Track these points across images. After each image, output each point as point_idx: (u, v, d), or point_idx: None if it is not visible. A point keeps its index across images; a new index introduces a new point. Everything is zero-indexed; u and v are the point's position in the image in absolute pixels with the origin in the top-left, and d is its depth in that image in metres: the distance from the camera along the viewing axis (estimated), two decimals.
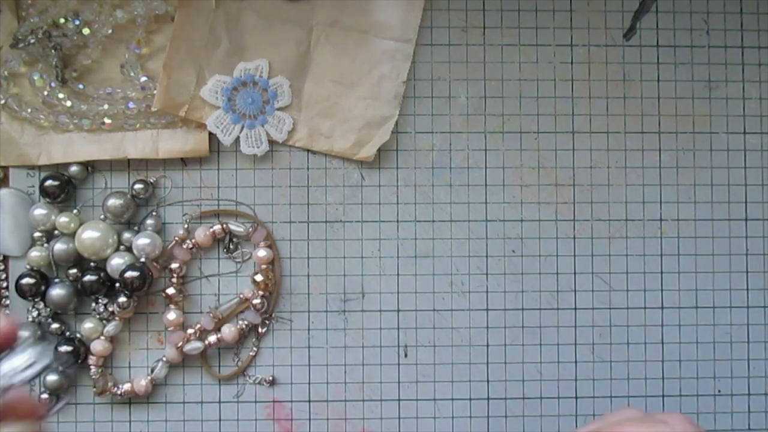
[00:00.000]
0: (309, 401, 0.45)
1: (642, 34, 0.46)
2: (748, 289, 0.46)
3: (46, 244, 0.44)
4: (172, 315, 0.44)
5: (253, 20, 0.45)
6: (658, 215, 0.46)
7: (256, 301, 0.44)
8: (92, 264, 0.44)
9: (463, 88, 0.46)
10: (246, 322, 0.44)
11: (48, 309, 0.44)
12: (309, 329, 0.45)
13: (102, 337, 0.44)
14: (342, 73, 0.45)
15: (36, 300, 0.44)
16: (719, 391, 0.46)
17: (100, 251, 0.43)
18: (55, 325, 0.44)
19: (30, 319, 0.44)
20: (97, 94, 0.44)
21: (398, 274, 0.46)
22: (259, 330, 0.45)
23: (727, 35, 0.47)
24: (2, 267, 0.44)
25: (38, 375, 0.24)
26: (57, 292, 0.43)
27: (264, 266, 0.45)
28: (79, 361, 0.44)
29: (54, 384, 0.44)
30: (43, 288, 0.44)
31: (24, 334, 0.25)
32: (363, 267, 0.45)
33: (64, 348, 0.43)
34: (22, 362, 0.24)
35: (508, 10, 0.46)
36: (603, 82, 0.46)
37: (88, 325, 0.44)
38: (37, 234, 0.44)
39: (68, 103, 0.44)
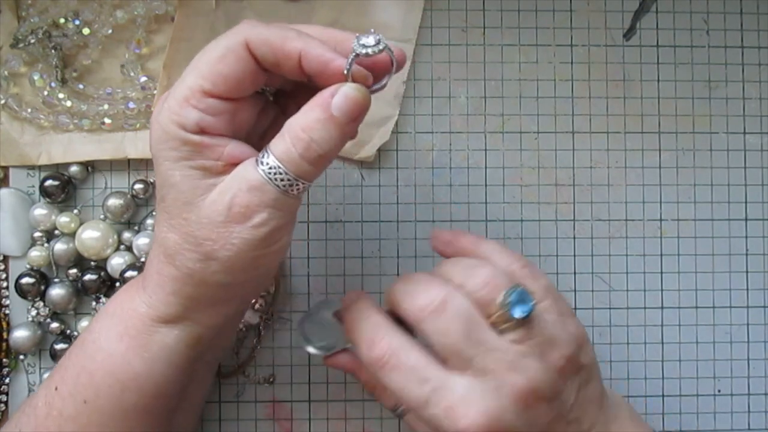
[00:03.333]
0: (309, 401, 0.45)
1: (642, 34, 0.47)
2: (748, 289, 0.46)
3: (46, 244, 0.44)
4: None
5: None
6: (658, 215, 0.46)
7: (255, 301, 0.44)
8: (92, 263, 0.44)
9: (463, 88, 0.46)
10: (243, 322, 0.44)
11: (47, 309, 0.44)
12: None
13: None
14: None
15: (35, 300, 0.44)
16: (719, 391, 0.46)
17: (100, 251, 0.44)
18: (54, 325, 0.44)
19: (29, 318, 0.44)
20: (97, 94, 0.44)
21: (398, 274, 0.46)
22: (260, 330, 0.45)
23: (727, 35, 0.47)
24: (2, 267, 0.44)
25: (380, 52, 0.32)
26: (57, 292, 0.43)
27: None
28: None
29: None
30: (42, 288, 0.44)
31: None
32: (363, 267, 0.45)
33: (60, 346, 0.44)
34: (372, 42, 0.32)
35: (508, 10, 0.46)
36: (603, 82, 0.46)
37: (85, 324, 0.44)
38: (37, 234, 0.44)
39: (68, 103, 0.44)
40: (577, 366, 0.35)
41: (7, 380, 0.44)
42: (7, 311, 0.44)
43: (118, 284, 0.44)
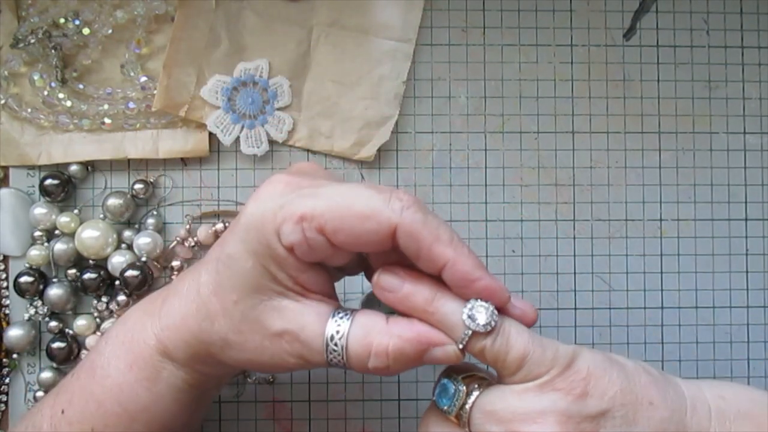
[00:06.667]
0: (309, 401, 0.45)
1: (642, 34, 0.47)
2: (748, 289, 0.46)
3: (46, 243, 0.44)
4: None
5: (253, 20, 0.45)
6: (658, 215, 0.46)
7: None
8: (91, 262, 0.44)
9: (463, 88, 0.46)
10: None
11: (46, 308, 0.44)
12: None
13: (98, 333, 0.44)
14: (342, 73, 0.45)
15: (34, 298, 0.44)
16: None
17: (100, 250, 0.44)
18: (52, 324, 0.44)
19: (26, 317, 0.44)
20: (97, 94, 0.44)
21: None
22: None
23: (727, 35, 0.47)
24: (2, 267, 0.44)
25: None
26: (54, 292, 0.43)
27: None
28: (73, 357, 0.44)
29: (48, 381, 0.44)
30: (41, 287, 0.44)
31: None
32: None
33: (57, 345, 0.44)
34: (483, 320, 0.31)
35: (508, 10, 0.46)
36: (603, 82, 0.46)
37: (81, 323, 0.44)
38: (37, 233, 0.44)
39: (68, 103, 0.44)
40: (585, 421, 0.31)
41: (7, 380, 0.44)
42: (7, 311, 0.44)
43: (118, 283, 0.44)
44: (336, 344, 0.32)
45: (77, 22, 0.44)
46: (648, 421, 0.31)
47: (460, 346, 0.31)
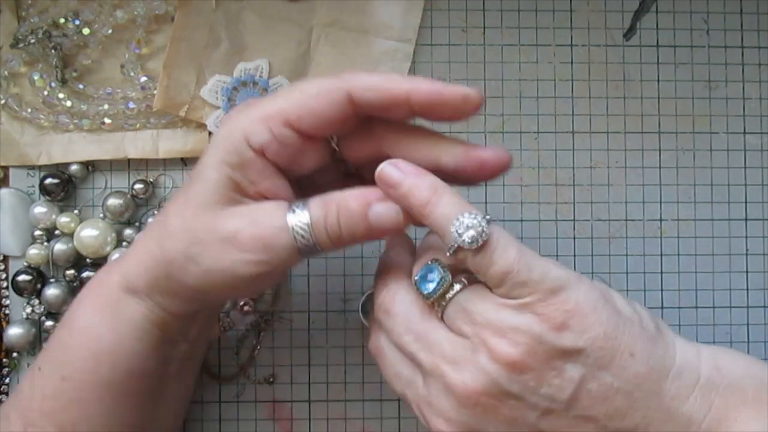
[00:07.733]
0: (309, 401, 0.45)
1: (642, 34, 0.47)
2: (748, 289, 0.46)
3: (45, 243, 0.44)
4: None
5: (253, 20, 0.45)
6: (658, 215, 0.46)
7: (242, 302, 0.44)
8: (89, 261, 0.44)
9: None
10: (228, 320, 0.44)
11: (43, 307, 0.44)
12: (309, 329, 0.45)
13: None
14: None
15: (32, 297, 0.44)
16: None
17: (99, 249, 0.44)
18: (49, 323, 0.44)
19: (24, 316, 0.44)
20: (97, 94, 0.44)
21: None
22: (260, 330, 0.45)
23: (727, 35, 0.47)
24: (2, 267, 0.44)
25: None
26: (52, 292, 0.43)
27: None
28: None
29: None
30: (39, 286, 0.44)
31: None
32: (363, 267, 0.45)
33: None
34: (469, 239, 0.30)
35: (508, 10, 0.46)
36: (603, 82, 0.46)
37: None
38: (37, 233, 0.44)
39: (68, 103, 0.44)
40: (556, 353, 0.30)
41: (6, 380, 0.44)
42: (7, 311, 0.44)
43: None
44: (301, 225, 0.32)
45: (77, 22, 0.44)
46: (621, 371, 0.30)
47: (448, 254, 0.31)
